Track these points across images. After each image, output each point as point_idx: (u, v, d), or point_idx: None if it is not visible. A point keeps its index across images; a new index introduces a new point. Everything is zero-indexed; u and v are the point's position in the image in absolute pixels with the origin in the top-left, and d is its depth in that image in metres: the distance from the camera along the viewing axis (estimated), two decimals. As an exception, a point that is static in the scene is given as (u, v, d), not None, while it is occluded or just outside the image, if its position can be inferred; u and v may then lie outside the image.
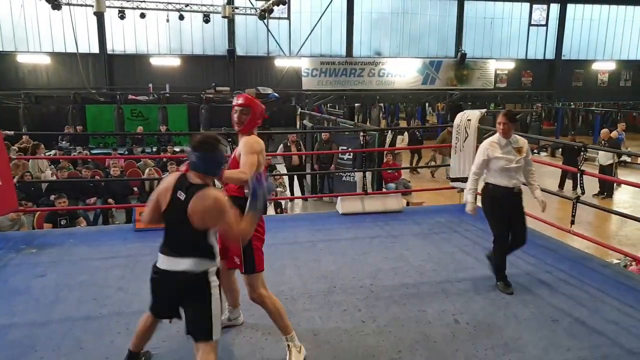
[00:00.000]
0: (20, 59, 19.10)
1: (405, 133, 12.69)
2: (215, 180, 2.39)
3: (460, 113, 5.84)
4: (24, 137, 9.84)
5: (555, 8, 23.46)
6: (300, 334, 2.91)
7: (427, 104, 22.09)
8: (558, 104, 22.24)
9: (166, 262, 2.21)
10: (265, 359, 2.68)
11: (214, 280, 2.22)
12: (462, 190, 6.49)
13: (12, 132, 5.24)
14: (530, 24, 23.45)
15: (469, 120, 5.57)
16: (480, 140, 5.83)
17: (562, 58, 23.81)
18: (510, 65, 23.55)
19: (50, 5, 15.66)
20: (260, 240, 2.67)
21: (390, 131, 12.67)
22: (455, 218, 5.39)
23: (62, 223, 5.99)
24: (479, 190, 3.69)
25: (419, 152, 13.47)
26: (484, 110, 6.06)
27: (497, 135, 3.51)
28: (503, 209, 3.47)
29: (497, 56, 23.48)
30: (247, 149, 2.53)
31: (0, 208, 4.35)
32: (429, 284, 3.65)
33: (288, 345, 2.61)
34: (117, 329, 2.94)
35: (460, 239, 4.70)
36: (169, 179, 2.23)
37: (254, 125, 2.66)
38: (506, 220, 3.48)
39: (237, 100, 2.65)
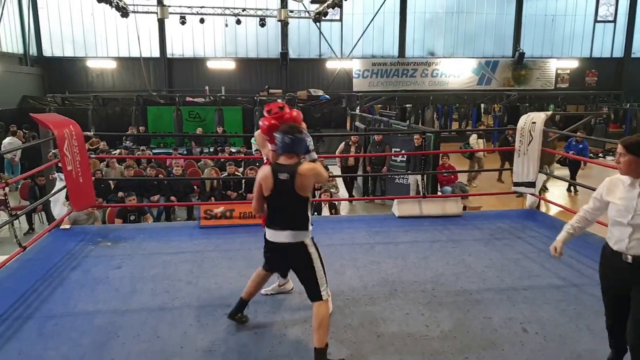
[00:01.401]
0: (89, 63, 20.53)
1: (474, 135, 11.71)
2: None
3: (525, 115, 5.63)
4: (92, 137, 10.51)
5: (624, 2, 21.99)
6: (364, 335, 2.95)
7: (482, 105, 21.42)
8: (626, 104, 20.80)
9: (272, 235, 2.71)
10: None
11: (313, 252, 2.68)
12: (521, 195, 6.25)
13: (92, 133, 5.69)
14: (596, 20, 22.13)
15: (534, 122, 5.35)
16: (545, 144, 5.60)
17: (632, 56, 22.26)
18: (573, 64, 22.35)
19: (120, 13, 16.72)
20: None
21: (474, 135, 11.77)
22: (518, 224, 5.19)
23: (131, 219, 6.38)
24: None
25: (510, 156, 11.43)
26: (549, 113, 5.79)
27: None
28: (608, 280, 2.50)
29: (558, 55, 22.37)
30: None
31: (81, 203, 4.72)
32: (494, 291, 3.55)
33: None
34: (189, 321, 3.10)
35: (524, 245, 4.53)
36: (265, 169, 2.70)
37: None
38: (610, 297, 2.51)
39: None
